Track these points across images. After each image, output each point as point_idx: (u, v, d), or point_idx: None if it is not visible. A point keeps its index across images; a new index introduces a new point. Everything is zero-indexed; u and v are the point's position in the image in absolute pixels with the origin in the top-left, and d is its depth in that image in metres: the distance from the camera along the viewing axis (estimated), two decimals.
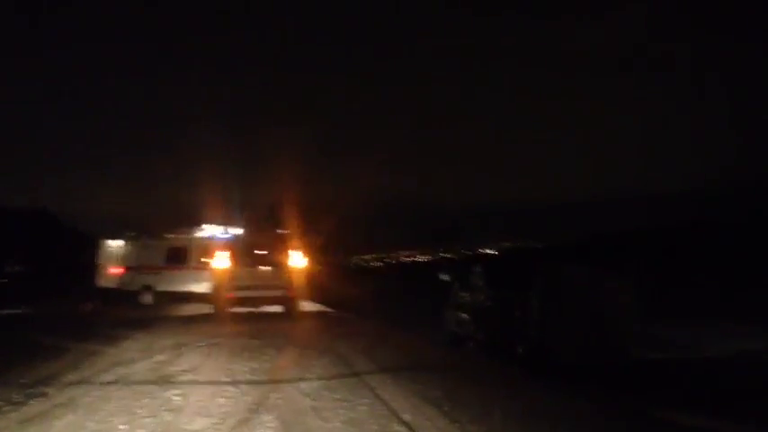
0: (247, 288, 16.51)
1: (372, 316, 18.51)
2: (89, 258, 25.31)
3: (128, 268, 23.44)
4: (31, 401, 6.96)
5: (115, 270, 23.76)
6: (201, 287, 21.64)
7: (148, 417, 6.31)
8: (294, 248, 17.15)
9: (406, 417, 6.27)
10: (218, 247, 18.47)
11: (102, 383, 7.95)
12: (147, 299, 22.85)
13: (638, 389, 8.58)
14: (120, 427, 5.95)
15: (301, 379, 8.24)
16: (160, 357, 9.90)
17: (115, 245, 24.40)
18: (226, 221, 22.98)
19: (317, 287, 20.32)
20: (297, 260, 16.98)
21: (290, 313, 16.74)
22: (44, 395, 7.26)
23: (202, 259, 22.17)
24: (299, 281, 16.93)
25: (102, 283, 24.17)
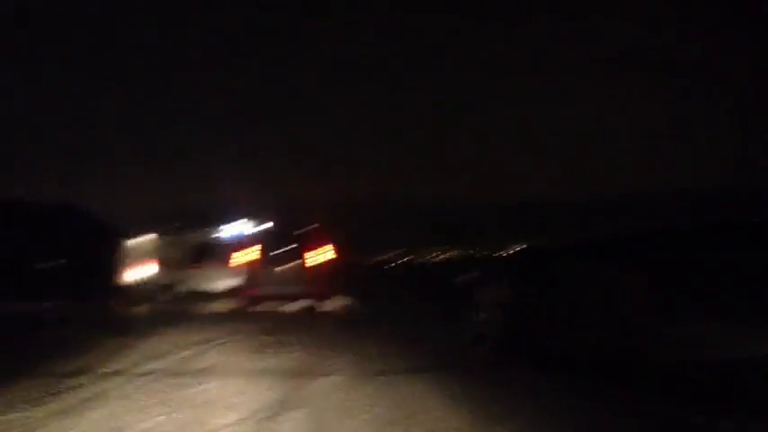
0: (274, 284, 16.64)
1: (398, 314, 18.62)
2: (118, 254, 25.51)
3: (155, 264, 23.62)
4: (67, 393, 7.19)
5: (141, 267, 23.96)
6: (229, 284, 21.80)
7: (180, 410, 6.49)
8: (322, 245, 17.23)
9: (429, 416, 6.41)
10: (244, 243, 18.61)
11: (135, 375, 8.18)
12: (174, 295, 23.01)
13: (657, 388, 8.62)
14: (158, 418, 6.16)
15: (327, 375, 8.39)
16: (188, 352, 10.09)
17: (141, 241, 24.58)
18: (253, 218, 23.12)
19: (344, 284, 20.41)
20: (325, 256, 17.06)
21: (317, 310, 16.84)
22: (80, 386, 7.50)
23: (229, 256, 22.32)
24: (325, 277, 17.01)
25: (131, 278, 24.39)
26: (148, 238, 24.30)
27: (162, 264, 23.51)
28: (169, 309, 20.27)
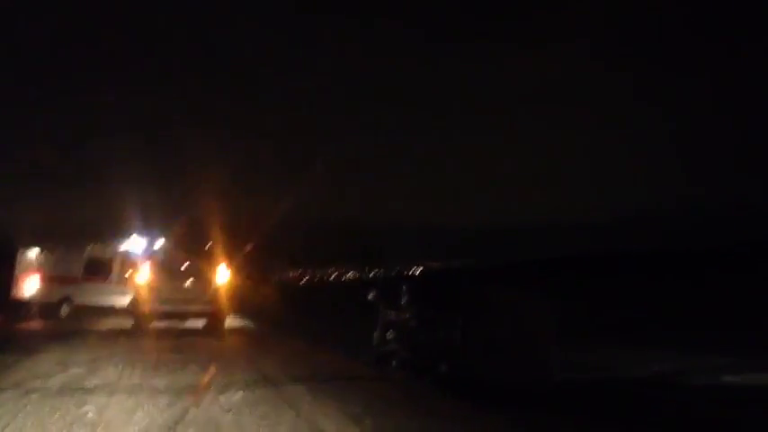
0: (170, 302, 16.20)
1: (297, 333, 18.37)
2: (6, 268, 24.40)
3: (46, 279, 22.68)
4: None
5: (33, 280, 22.95)
6: (123, 300, 21.10)
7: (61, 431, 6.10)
8: (219, 263, 16.93)
9: None
10: (140, 259, 18.10)
11: (15, 396, 7.66)
12: (66, 311, 22.12)
13: (559, 410, 8.71)
14: None
15: (222, 394, 8.11)
16: (76, 371, 9.61)
17: (33, 254, 23.59)
18: (148, 234, 22.51)
19: (241, 302, 20.05)
20: (221, 275, 16.76)
21: (214, 328, 16.47)
22: None
23: (124, 271, 21.65)
24: (223, 295, 16.71)
25: (20, 293, 23.32)
26: (41, 250, 23.36)
27: (56, 278, 22.62)
28: (61, 324, 19.48)
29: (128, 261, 21.48)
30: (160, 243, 18.98)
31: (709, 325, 15.97)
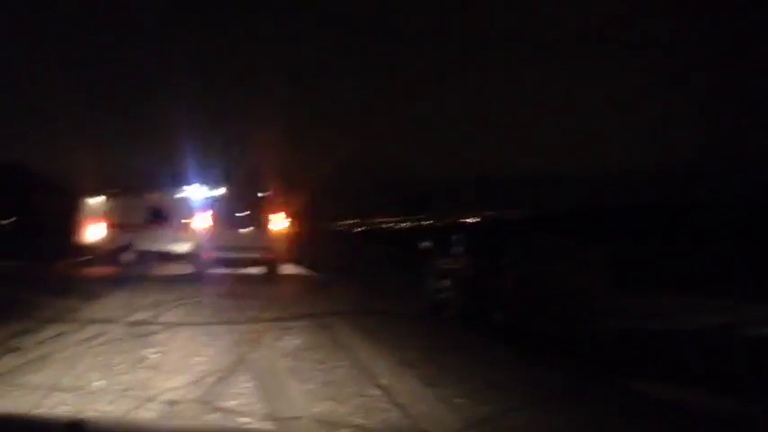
0: (228, 249, 16.45)
1: (354, 281, 18.52)
2: (70, 215, 25.05)
3: (108, 226, 23.21)
4: (4, 357, 6.92)
5: (95, 227, 23.54)
6: (183, 247, 21.51)
7: (125, 373, 6.30)
8: (276, 211, 17.07)
9: (383, 380, 6.29)
10: (199, 207, 18.37)
11: (79, 340, 7.91)
12: (128, 257, 22.65)
13: (609, 359, 8.65)
14: (95, 383, 5.94)
15: (279, 340, 8.24)
16: (138, 315, 9.84)
17: (96, 202, 24.11)
18: (208, 182, 22.78)
19: (298, 250, 20.26)
20: (278, 222, 16.91)
21: (271, 275, 16.70)
22: (18, 350, 7.22)
23: (184, 219, 22.02)
24: (280, 243, 16.89)
25: (83, 240, 23.97)
26: (104, 198, 23.86)
27: (118, 225, 23.12)
28: (124, 270, 19.96)
29: (188, 209, 21.83)
30: (219, 191, 19.20)
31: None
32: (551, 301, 10.36)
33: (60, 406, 5.38)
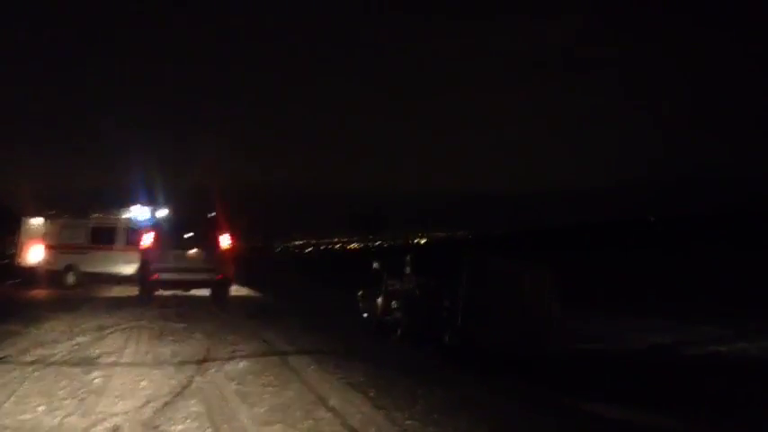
0: (174, 270, 16.27)
1: (301, 302, 18.45)
2: (11, 236, 24.59)
3: (51, 247, 22.82)
4: None
5: (37, 249, 23.11)
6: (127, 269, 21.27)
7: (68, 398, 6.18)
8: (221, 231, 16.96)
9: (332, 402, 6.28)
10: (145, 228, 18.20)
11: (21, 364, 7.74)
12: (71, 279, 22.29)
13: (559, 380, 8.77)
14: (39, 408, 5.81)
15: (227, 363, 8.17)
16: (82, 339, 9.69)
17: (37, 223, 23.73)
18: (152, 203, 22.60)
19: (243, 271, 20.13)
20: (224, 243, 16.80)
21: (217, 297, 16.56)
22: None
23: (129, 240, 21.78)
24: (226, 264, 16.78)
25: (24, 261, 23.50)
26: (45, 219, 23.55)
27: (60, 246, 22.80)
28: (66, 293, 19.64)
29: (133, 230, 21.62)
30: (163, 212, 19.04)
31: (710, 295, 15.97)
32: (500, 321, 10.48)
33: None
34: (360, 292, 13.88)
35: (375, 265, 14.09)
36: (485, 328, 10.47)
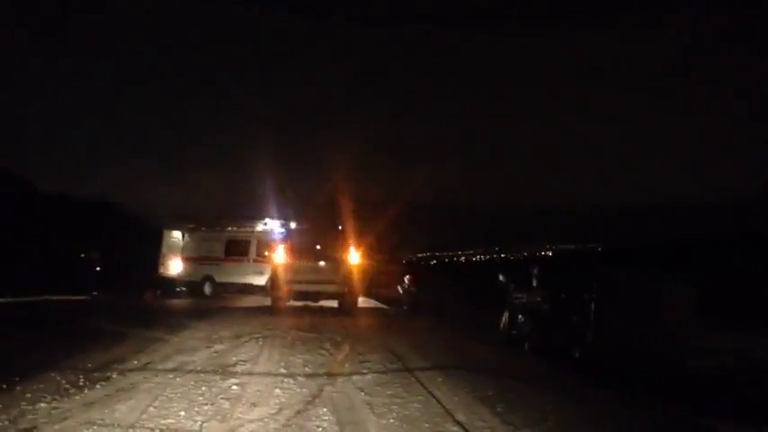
0: (304, 282, 16.68)
1: (428, 314, 18.51)
2: (151, 248, 25.95)
3: (189, 259, 23.94)
4: (96, 385, 7.17)
5: (177, 260, 24.33)
6: (260, 280, 22.07)
7: (207, 404, 6.45)
8: (350, 244, 17.25)
9: (460, 416, 6.27)
10: (276, 240, 18.78)
11: (162, 370, 8.13)
12: (208, 289, 23.29)
13: (694, 399, 8.41)
14: (180, 413, 6.10)
15: (356, 373, 8.30)
16: (219, 347, 10.05)
17: (177, 235, 24.97)
18: (284, 216, 23.28)
19: (372, 283, 20.41)
20: (352, 256, 17.08)
21: (346, 308, 16.83)
22: (107, 379, 7.48)
23: (261, 252, 22.55)
24: (354, 276, 17.02)
25: (164, 272, 24.79)
26: (185, 232, 24.70)
27: (198, 259, 23.89)
28: (203, 302, 20.46)
29: (265, 242, 22.37)
30: (294, 225, 19.59)
31: None
32: (632, 337, 10.15)
33: None
34: (492, 308, 13.80)
35: (501, 277, 13.98)
36: (617, 344, 10.17)
